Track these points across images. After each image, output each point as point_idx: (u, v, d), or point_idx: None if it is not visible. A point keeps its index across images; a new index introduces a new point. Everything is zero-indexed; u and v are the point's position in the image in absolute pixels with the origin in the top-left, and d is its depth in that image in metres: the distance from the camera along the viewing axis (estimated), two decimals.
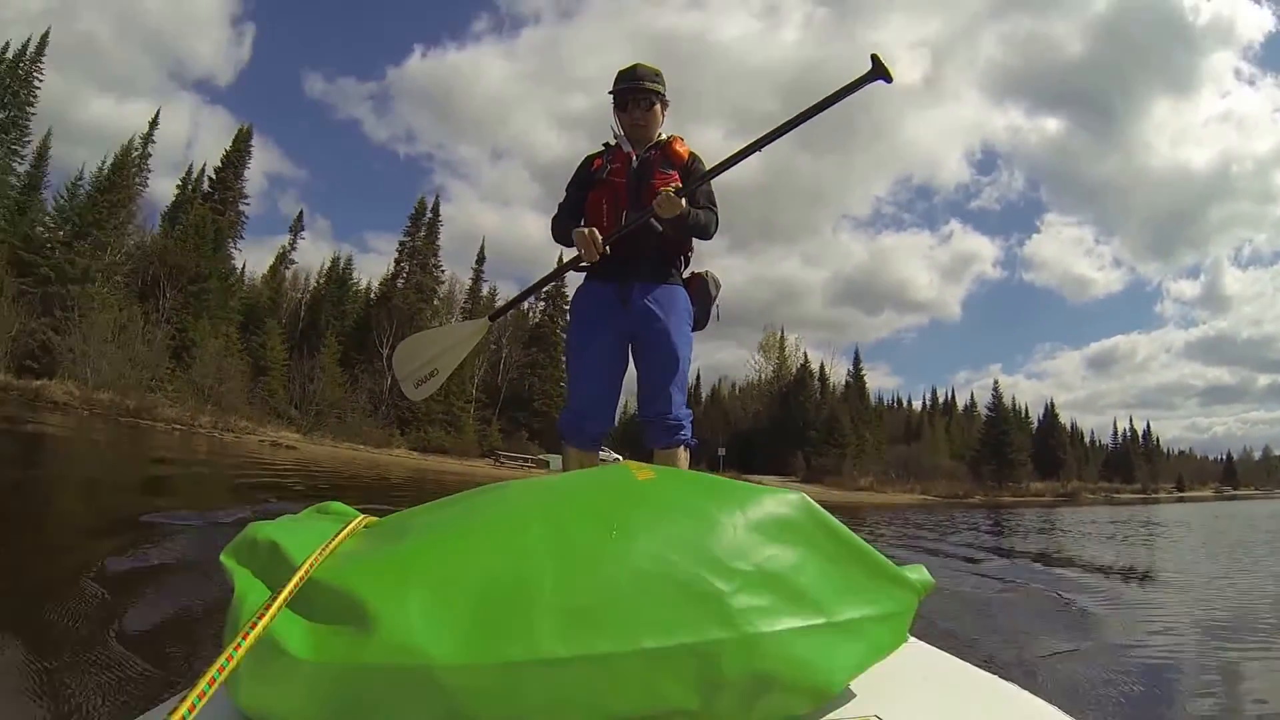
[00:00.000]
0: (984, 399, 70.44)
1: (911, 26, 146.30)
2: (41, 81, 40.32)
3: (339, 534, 0.94)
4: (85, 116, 71.83)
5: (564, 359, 3.02)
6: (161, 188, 52.67)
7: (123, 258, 38.47)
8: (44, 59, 40.16)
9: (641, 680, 0.76)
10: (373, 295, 48.60)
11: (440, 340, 3.04)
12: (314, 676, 0.72)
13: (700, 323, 2.91)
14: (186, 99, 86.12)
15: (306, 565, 0.81)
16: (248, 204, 46.28)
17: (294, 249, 49.91)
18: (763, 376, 64.95)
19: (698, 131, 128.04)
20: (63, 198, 38.71)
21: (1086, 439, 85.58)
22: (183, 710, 0.57)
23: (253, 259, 63.20)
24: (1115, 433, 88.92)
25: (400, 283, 48.13)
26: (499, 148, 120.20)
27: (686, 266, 2.91)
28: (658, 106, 2.80)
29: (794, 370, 62.91)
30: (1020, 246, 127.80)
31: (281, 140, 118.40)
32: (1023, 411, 72.51)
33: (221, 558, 0.92)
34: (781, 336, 66.00)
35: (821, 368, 63.54)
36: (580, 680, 0.75)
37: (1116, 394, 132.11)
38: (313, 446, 32.71)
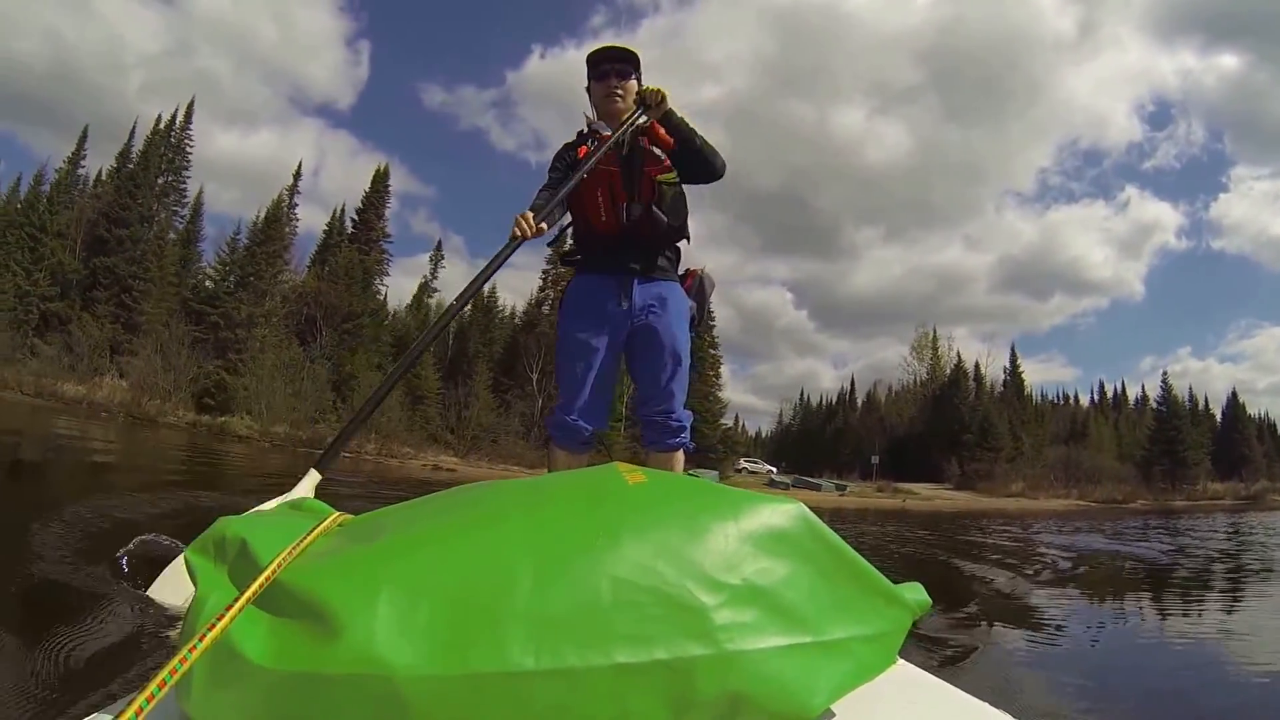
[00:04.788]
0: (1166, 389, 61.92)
1: None
2: (193, 147, 44.22)
3: (310, 532, 0.91)
4: (212, 152, 77.55)
5: (555, 356, 2.86)
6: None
7: (280, 302, 40.90)
8: (191, 126, 44.06)
9: (610, 696, 0.74)
10: (518, 320, 49.45)
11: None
12: (270, 685, 0.70)
13: (695, 322, 2.80)
14: (310, 125, 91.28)
15: (272, 566, 0.79)
16: (390, 243, 48.20)
17: (435, 277, 51.31)
18: (917, 379, 61.90)
19: (838, 112, 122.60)
20: (224, 251, 41.95)
21: None
22: (129, 714, 0.55)
23: (392, 280, 63.64)
24: None
25: (546, 309, 48.30)
26: None
27: (680, 262, 2.80)
28: (634, 80, 2.69)
29: (947, 370, 59.34)
30: (1206, 210, 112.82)
31: (406, 158, 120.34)
32: (1202, 403, 64.97)
33: (187, 553, 0.87)
34: (934, 335, 62.76)
35: (976, 366, 59.49)
36: (547, 694, 0.72)
37: None
38: (470, 469, 33.01)
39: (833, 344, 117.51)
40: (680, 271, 2.81)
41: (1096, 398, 71.65)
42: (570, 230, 2.79)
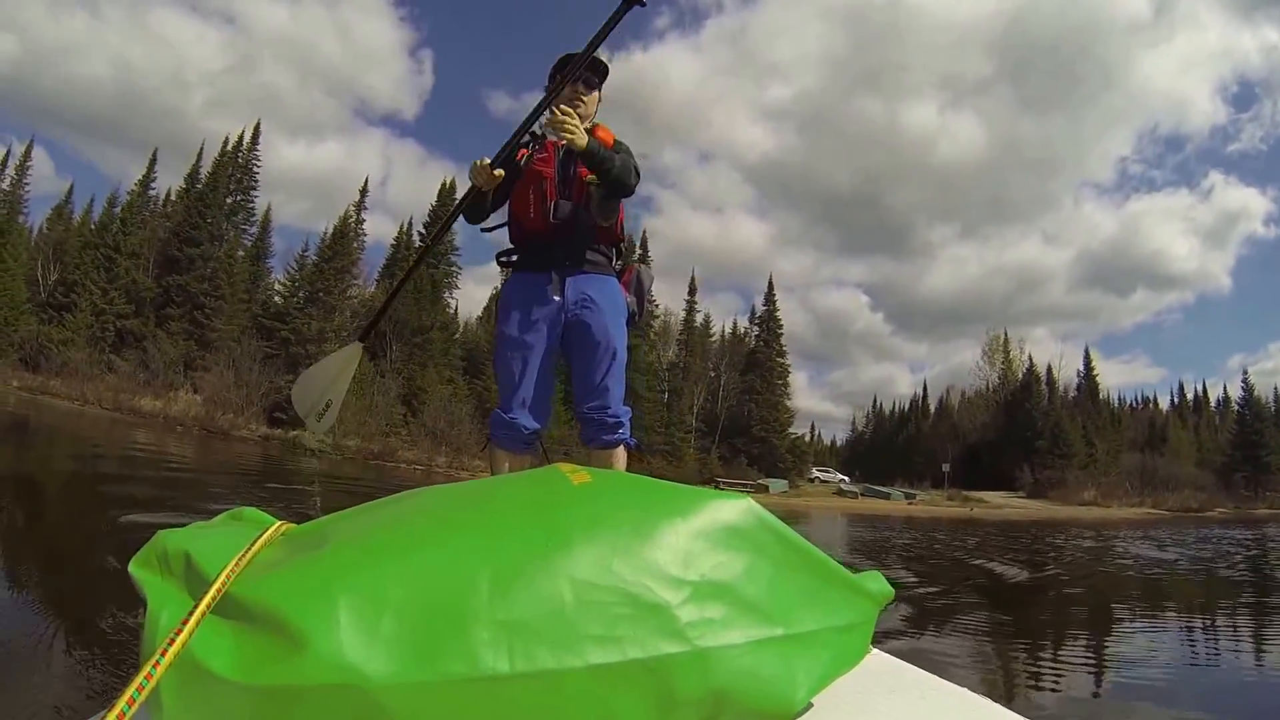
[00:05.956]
0: (1256, 390, 56.21)
1: None
2: (260, 166, 44.65)
3: (254, 543, 0.89)
4: (279, 163, 79.11)
5: (494, 355, 2.86)
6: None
7: (350, 316, 40.94)
8: (258, 147, 44.59)
9: (592, 697, 0.73)
10: None
11: (326, 372, 3.01)
12: (245, 698, 0.68)
13: (634, 318, 2.81)
14: (375, 135, 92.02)
15: (222, 578, 0.78)
16: (458, 255, 47.82)
17: None
18: (989, 384, 59.43)
19: (909, 108, 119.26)
20: (293, 267, 42.45)
21: None
22: None
23: (462, 291, 61.70)
24: None
25: None
26: (704, 150, 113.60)
27: (619, 258, 2.79)
28: (596, 93, 2.70)
29: (1019, 375, 56.59)
30: None
31: None
32: None
33: (130, 568, 0.86)
34: (1005, 339, 60.27)
35: (1049, 370, 56.64)
36: (528, 697, 0.71)
37: None
38: None
39: (910, 348, 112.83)
40: (618, 267, 2.81)
41: (1176, 400, 67.62)
42: (506, 230, 2.76)
